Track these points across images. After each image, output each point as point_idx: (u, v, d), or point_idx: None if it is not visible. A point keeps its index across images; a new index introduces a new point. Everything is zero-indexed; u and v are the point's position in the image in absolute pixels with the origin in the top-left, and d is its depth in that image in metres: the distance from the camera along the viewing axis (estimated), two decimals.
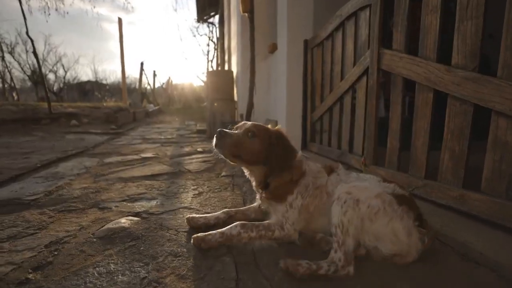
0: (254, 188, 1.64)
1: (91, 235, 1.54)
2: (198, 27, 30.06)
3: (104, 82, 32.20)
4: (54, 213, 1.84)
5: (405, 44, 2.10)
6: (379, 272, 1.21)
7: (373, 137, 2.46)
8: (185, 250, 1.39)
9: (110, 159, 3.62)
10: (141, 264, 1.26)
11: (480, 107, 1.58)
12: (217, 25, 14.12)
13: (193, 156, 3.93)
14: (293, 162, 1.51)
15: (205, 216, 1.66)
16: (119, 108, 7.91)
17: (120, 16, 9.89)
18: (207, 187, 2.48)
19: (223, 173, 2.93)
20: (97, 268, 1.23)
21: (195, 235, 1.38)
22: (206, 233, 1.38)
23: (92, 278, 1.16)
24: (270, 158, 1.46)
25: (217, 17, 12.40)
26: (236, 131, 1.50)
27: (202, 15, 13.33)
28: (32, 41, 7.27)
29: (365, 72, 2.55)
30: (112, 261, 1.29)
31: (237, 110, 6.75)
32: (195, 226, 1.62)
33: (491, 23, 1.58)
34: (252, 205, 1.81)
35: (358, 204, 1.23)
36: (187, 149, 4.57)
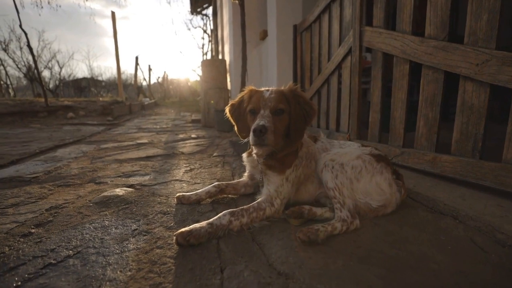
0: (254, 156, 1.50)
1: (87, 201, 1.65)
2: (192, 19, 29.84)
3: (99, 78, 31.98)
4: (53, 187, 1.95)
5: (384, 20, 2.19)
6: (369, 222, 1.33)
7: (357, 113, 2.56)
8: (173, 209, 1.50)
9: (106, 145, 3.71)
10: (133, 221, 1.38)
11: (450, 73, 1.69)
12: (211, 17, 14.07)
13: (187, 141, 4.02)
14: (307, 126, 1.44)
15: (196, 193, 1.59)
16: (115, 101, 7.98)
17: (113, 10, 9.86)
18: (199, 164, 2.59)
19: (215, 154, 3.03)
20: (93, 224, 1.34)
21: (177, 232, 1.13)
22: (191, 226, 1.16)
23: (88, 231, 1.27)
24: (290, 124, 1.39)
25: (210, 8, 12.36)
26: (261, 113, 1.34)
27: (196, 7, 13.27)
28: (25, 34, 7.24)
29: (349, 51, 2.64)
30: (107, 219, 1.40)
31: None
32: (187, 204, 1.56)
33: None
34: (241, 179, 1.74)
35: (344, 167, 1.36)
36: (181, 135, 4.66)
